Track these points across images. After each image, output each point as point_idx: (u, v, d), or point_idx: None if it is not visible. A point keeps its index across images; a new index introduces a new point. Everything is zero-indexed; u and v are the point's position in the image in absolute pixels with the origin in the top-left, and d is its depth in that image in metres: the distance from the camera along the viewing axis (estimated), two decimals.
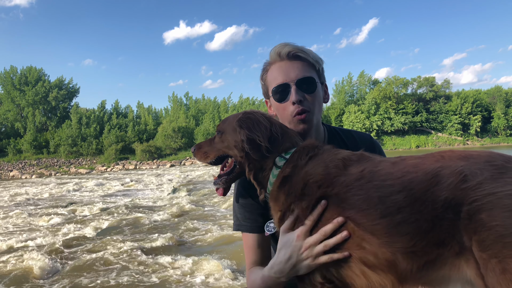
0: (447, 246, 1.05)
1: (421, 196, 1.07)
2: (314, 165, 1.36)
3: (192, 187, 19.22)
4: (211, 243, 8.22)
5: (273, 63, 1.75)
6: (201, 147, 1.66)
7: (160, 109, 75.93)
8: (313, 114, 1.72)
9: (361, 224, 1.18)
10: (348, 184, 1.23)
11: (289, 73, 1.68)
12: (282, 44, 1.72)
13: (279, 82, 1.69)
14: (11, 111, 60.72)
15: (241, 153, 1.50)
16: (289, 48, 1.69)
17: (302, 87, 1.68)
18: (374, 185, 1.17)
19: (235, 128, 1.53)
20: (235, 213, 1.83)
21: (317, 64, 1.75)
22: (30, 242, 8.79)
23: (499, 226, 0.94)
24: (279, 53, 1.70)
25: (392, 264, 1.14)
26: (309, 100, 1.70)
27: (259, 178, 1.51)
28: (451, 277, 1.09)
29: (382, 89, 62.52)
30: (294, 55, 1.69)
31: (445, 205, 1.03)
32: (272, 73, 1.74)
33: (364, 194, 1.18)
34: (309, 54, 1.72)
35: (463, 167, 1.05)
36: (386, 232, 1.12)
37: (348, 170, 1.27)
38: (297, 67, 1.69)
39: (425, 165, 1.12)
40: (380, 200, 1.14)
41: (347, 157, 1.34)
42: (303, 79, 1.68)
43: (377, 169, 1.22)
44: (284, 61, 1.70)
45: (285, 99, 1.69)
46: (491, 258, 0.95)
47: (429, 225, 1.06)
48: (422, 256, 1.09)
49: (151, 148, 55.37)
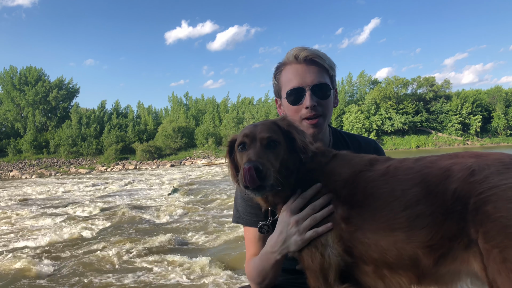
0: (457, 239, 1.07)
1: (435, 188, 1.12)
2: (339, 165, 1.39)
3: (192, 187, 19.22)
4: (211, 243, 8.22)
5: (288, 64, 1.77)
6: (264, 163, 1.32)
7: (160, 109, 76.17)
8: (324, 119, 1.76)
9: (382, 217, 1.20)
10: (374, 179, 1.26)
11: (305, 77, 1.71)
12: (300, 48, 1.74)
13: (295, 85, 1.72)
14: (11, 111, 60.78)
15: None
16: (307, 52, 1.72)
17: (317, 93, 1.72)
18: (398, 178, 1.22)
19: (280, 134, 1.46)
20: (236, 206, 1.85)
21: (332, 70, 1.79)
22: (30, 242, 8.78)
23: (503, 217, 0.96)
24: (296, 56, 1.73)
25: (414, 262, 1.15)
26: (323, 105, 1.74)
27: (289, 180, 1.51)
28: (461, 271, 1.10)
29: (382, 89, 62.57)
30: (311, 60, 1.72)
31: (454, 197, 1.07)
32: (287, 75, 1.76)
33: (389, 187, 1.22)
34: (326, 60, 1.75)
35: (473, 163, 1.10)
36: (407, 225, 1.14)
37: (374, 167, 1.31)
38: (313, 72, 1.72)
39: (441, 161, 1.19)
40: (403, 192, 1.18)
41: (374, 158, 1.38)
42: (319, 85, 1.72)
43: (401, 164, 1.27)
44: (300, 65, 1.73)
45: (299, 102, 1.72)
46: (494, 249, 0.97)
47: (442, 218, 1.09)
48: (437, 250, 1.11)
49: (151, 148, 55.41)
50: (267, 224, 1.62)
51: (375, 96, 62.12)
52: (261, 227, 1.64)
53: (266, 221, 1.62)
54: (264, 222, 1.63)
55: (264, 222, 1.63)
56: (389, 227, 1.17)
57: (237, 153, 1.44)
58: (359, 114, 60.91)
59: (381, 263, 1.21)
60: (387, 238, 1.18)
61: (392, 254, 1.17)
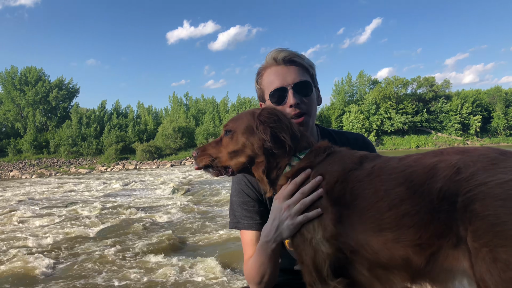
0: (446, 238, 1.07)
1: (419, 188, 1.11)
2: (331, 163, 1.40)
3: (192, 187, 19.25)
4: (211, 243, 8.24)
5: (268, 67, 1.80)
6: (206, 150, 1.55)
7: (160, 109, 76.17)
8: (309, 117, 1.77)
9: (371, 217, 1.20)
10: (360, 179, 1.27)
11: (286, 77, 1.73)
12: (277, 50, 1.77)
13: (276, 86, 1.74)
14: (11, 111, 60.74)
15: (259, 152, 1.47)
16: (284, 53, 1.75)
17: (299, 91, 1.74)
18: (381, 179, 1.22)
19: (252, 125, 1.49)
20: (232, 210, 1.87)
21: (311, 68, 1.82)
22: (30, 242, 8.79)
23: (491, 216, 0.95)
24: (275, 58, 1.76)
25: (406, 261, 1.15)
26: (306, 103, 1.76)
27: (271, 176, 1.51)
28: (454, 270, 1.10)
29: (382, 89, 62.53)
30: (290, 60, 1.75)
31: (440, 196, 1.06)
32: (268, 77, 1.78)
33: (373, 188, 1.22)
34: (304, 59, 1.79)
35: (458, 160, 1.08)
36: (395, 225, 1.14)
37: (363, 166, 1.31)
38: (293, 72, 1.74)
39: (425, 160, 1.18)
40: (386, 193, 1.18)
41: (364, 155, 1.38)
42: (300, 82, 1.74)
43: (386, 164, 1.27)
44: (280, 66, 1.75)
45: (282, 102, 1.73)
46: (482, 247, 0.96)
47: (429, 217, 1.08)
48: (427, 249, 1.10)
49: (151, 148, 55.39)
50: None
51: (375, 96, 62.09)
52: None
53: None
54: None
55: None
56: (377, 228, 1.18)
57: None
58: (358, 114, 60.90)
59: (374, 264, 1.23)
60: (377, 238, 1.18)
61: (383, 254, 1.18)
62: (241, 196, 1.82)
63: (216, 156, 1.53)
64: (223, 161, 1.52)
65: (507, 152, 1.07)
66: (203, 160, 1.54)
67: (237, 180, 1.84)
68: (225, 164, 1.52)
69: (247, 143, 1.48)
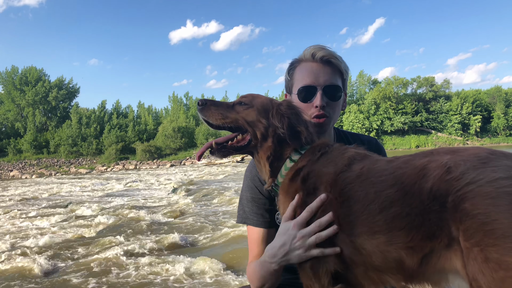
0: (438, 239, 1.06)
1: (410, 189, 1.10)
2: (324, 163, 1.39)
3: (192, 187, 19.23)
4: (211, 243, 8.23)
5: (304, 61, 1.77)
6: (217, 106, 1.53)
7: (160, 109, 76.19)
8: (330, 120, 1.76)
9: (363, 220, 1.20)
10: (350, 182, 1.26)
11: (319, 77, 1.72)
12: (318, 46, 1.75)
13: (307, 83, 1.73)
14: (11, 111, 60.76)
15: (270, 134, 1.48)
16: (324, 52, 1.72)
17: (328, 94, 1.72)
18: (370, 181, 1.21)
19: (268, 110, 1.51)
20: (242, 206, 1.85)
21: (345, 73, 1.80)
22: (30, 242, 8.78)
23: (481, 214, 0.95)
24: (313, 54, 1.73)
25: (399, 263, 1.15)
26: (332, 106, 1.75)
27: (274, 165, 1.50)
28: (447, 270, 1.10)
29: (382, 89, 62.56)
30: (328, 60, 1.73)
31: (431, 196, 1.05)
32: (301, 72, 1.77)
33: (364, 190, 1.21)
34: (342, 62, 1.76)
35: (448, 160, 1.08)
36: (386, 227, 1.14)
37: (352, 168, 1.31)
38: (327, 73, 1.73)
39: (415, 160, 1.17)
40: (376, 195, 1.17)
41: (352, 156, 1.37)
42: (331, 86, 1.73)
43: (374, 166, 1.26)
44: (316, 63, 1.73)
45: (309, 100, 1.73)
46: (474, 247, 0.96)
47: (420, 218, 1.08)
48: (419, 250, 1.10)
49: (151, 148, 55.42)
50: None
51: (375, 96, 62.12)
52: (277, 217, 1.65)
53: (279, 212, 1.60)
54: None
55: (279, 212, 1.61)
56: (370, 231, 1.18)
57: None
58: (358, 114, 60.93)
59: (369, 266, 1.23)
60: (369, 241, 1.19)
61: (377, 257, 1.18)
62: (253, 192, 1.79)
63: (228, 116, 1.50)
64: (239, 123, 1.50)
65: (497, 151, 1.07)
66: (213, 116, 1.50)
67: (251, 176, 1.82)
68: (238, 125, 1.50)
69: (263, 121, 1.49)
